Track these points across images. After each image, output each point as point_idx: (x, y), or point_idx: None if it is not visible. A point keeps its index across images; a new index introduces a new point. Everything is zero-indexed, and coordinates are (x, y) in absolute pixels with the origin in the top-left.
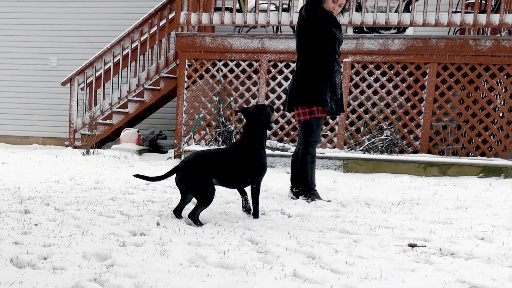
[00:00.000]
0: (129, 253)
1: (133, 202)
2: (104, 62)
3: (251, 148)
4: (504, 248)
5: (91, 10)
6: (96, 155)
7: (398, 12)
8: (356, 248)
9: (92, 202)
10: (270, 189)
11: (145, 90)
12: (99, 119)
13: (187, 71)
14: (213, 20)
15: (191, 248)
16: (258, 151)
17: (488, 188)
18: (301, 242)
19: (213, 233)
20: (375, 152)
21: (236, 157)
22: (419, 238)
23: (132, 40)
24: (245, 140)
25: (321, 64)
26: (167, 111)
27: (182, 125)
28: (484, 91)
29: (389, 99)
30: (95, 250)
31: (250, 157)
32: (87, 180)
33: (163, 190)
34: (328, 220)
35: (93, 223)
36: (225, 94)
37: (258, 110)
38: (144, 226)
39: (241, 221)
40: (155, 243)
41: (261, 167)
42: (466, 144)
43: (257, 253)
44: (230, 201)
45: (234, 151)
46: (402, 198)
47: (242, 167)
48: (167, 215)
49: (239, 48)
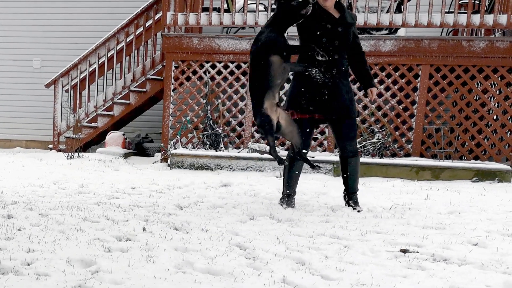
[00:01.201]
0: (115, 259)
1: (118, 206)
2: (89, 63)
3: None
4: (498, 254)
5: (76, 11)
6: (81, 159)
7: (390, 13)
8: (347, 253)
9: (77, 206)
10: (258, 193)
11: (131, 92)
12: (83, 122)
13: (174, 72)
14: (200, 21)
15: (178, 254)
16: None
17: (482, 193)
18: (291, 247)
19: (200, 239)
20: (366, 156)
21: None
22: (411, 243)
23: (117, 41)
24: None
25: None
26: (153, 113)
27: (168, 128)
28: (478, 93)
29: (380, 102)
30: (80, 256)
31: None
32: (72, 184)
33: (149, 195)
34: (318, 225)
35: (78, 228)
36: (212, 97)
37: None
38: (130, 231)
39: (229, 226)
40: (141, 248)
41: None
42: (459, 147)
43: (245, 259)
44: (218, 205)
45: None
46: (394, 202)
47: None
48: (153, 220)
49: (227, 49)
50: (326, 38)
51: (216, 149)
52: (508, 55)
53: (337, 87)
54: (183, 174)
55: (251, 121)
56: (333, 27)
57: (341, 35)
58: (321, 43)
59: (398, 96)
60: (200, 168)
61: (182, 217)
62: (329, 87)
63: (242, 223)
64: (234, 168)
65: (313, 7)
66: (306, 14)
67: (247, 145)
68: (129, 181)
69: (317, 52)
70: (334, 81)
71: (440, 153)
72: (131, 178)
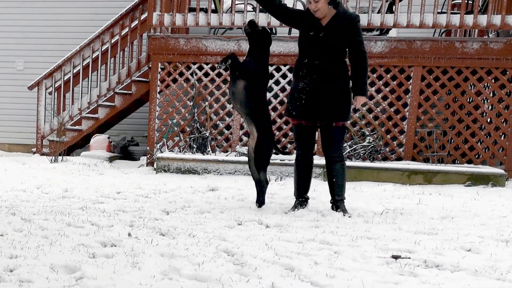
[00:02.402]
0: (99, 265)
1: (103, 211)
2: (73, 65)
3: None
4: (492, 260)
5: (60, 11)
6: (65, 163)
7: (381, 13)
8: (337, 259)
9: (61, 211)
10: (247, 198)
11: (116, 94)
12: (68, 125)
13: (160, 74)
14: (187, 21)
15: (164, 260)
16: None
17: (475, 197)
18: (280, 253)
19: (187, 244)
20: (357, 160)
21: None
22: (403, 249)
23: (102, 42)
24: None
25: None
26: (139, 116)
27: (154, 131)
28: (471, 96)
29: (371, 104)
30: (64, 262)
31: None
32: (55, 189)
33: (135, 199)
34: (307, 231)
35: (62, 233)
36: (199, 99)
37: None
38: (115, 237)
39: (217, 231)
40: (126, 254)
41: None
42: (452, 151)
43: (233, 265)
44: (205, 210)
45: None
46: (385, 207)
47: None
48: (139, 225)
49: (214, 51)
50: (309, 44)
51: (203, 153)
52: (502, 57)
53: (316, 92)
54: (169, 178)
55: (239, 124)
56: (315, 34)
57: (323, 41)
58: (305, 48)
59: (390, 99)
60: (187, 172)
61: (168, 222)
62: (307, 91)
63: (230, 229)
64: (222, 172)
65: (306, 12)
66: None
67: (235, 149)
68: (114, 186)
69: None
70: (313, 86)
71: (433, 157)
72: (116, 182)
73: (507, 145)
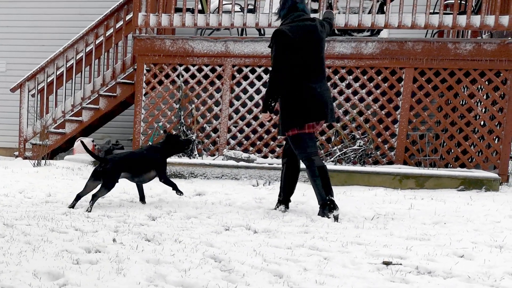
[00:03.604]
0: (84, 272)
1: (87, 217)
2: (56, 67)
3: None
4: (485, 266)
5: (43, 11)
6: (48, 167)
7: (372, 13)
8: (327, 266)
9: (44, 216)
10: (234, 203)
11: (101, 96)
12: (51, 128)
13: (146, 76)
14: (173, 22)
15: (150, 266)
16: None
17: (469, 202)
18: (268, 259)
19: (173, 250)
20: (347, 163)
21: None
22: (394, 255)
23: (86, 44)
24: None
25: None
26: (124, 119)
27: (140, 134)
28: (464, 98)
29: (362, 107)
30: (47, 268)
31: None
32: (39, 193)
33: (120, 204)
34: (296, 236)
35: (45, 239)
36: (186, 101)
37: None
38: (100, 243)
39: (204, 237)
40: (111, 260)
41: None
42: (444, 154)
43: (220, 271)
44: (192, 215)
45: None
46: (376, 212)
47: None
48: (124, 230)
49: (201, 52)
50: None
51: (190, 157)
52: (495, 58)
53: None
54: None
55: (226, 127)
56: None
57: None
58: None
59: (381, 101)
60: (173, 176)
61: (154, 228)
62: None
63: (217, 234)
64: (209, 176)
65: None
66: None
67: (222, 152)
68: None
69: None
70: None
71: (425, 161)
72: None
73: (501, 149)
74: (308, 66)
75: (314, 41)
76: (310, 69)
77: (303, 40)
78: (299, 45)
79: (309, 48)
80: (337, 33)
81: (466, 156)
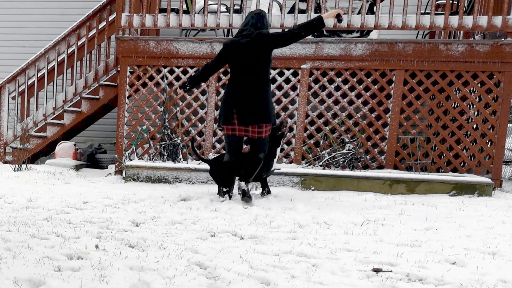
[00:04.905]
0: (65, 279)
1: (69, 222)
2: (37, 68)
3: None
4: (478, 274)
5: (23, 12)
6: (29, 171)
7: (362, 14)
8: (315, 273)
9: (24, 222)
10: (220, 208)
11: (83, 99)
12: (32, 132)
13: (129, 78)
14: (157, 23)
15: (134, 273)
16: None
17: (461, 208)
18: (255, 266)
19: (157, 257)
20: (336, 168)
21: None
22: (384, 262)
23: (68, 45)
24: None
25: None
26: (107, 122)
27: (123, 138)
28: (456, 101)
29: (351, 110)
30: (28, 276)
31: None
32: (19, 199)
33: (103, 210)
34: (284, 243)
35: (26, 245)
36: (170, 104)
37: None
38: (82, 249)
39: (189, 243)
40: (93, 267)
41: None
42: (436, 159)
43: (206, 278)
44: (177, 221)
45: None
46: (366, 218)
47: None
48: (107, 237)
49: (186, 53)
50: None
51: (175, 161)
52: (488, 60)
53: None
54: (139, 187)
55: (212, 131)
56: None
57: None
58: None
59: (371, 104)
60: (157, 181)
61: (137, 234)
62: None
63: (203, 240)
64: (194, 181)
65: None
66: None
67: (208, 156)
68: (80, 195)
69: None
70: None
71: (416, 165)
72: (83, 191)
73: (494, 153)
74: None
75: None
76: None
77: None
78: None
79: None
80: (325, 34)
81: (458, 160)
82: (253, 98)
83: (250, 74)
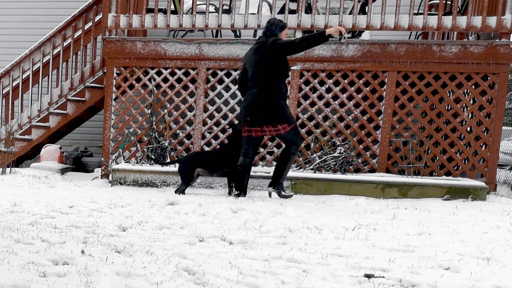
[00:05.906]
0: (51, 285)
1: (54, 227)
2: (22, 70)
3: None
4: (472, 279)
5: (7, 12)
6: (13, 175)
7: (353, 14)
8: (306, 279)
9: (9, 227)
10: (208, 212)
11: (69, 101)
12: (16, 134)
13: (116, 80)
14: (144, 23)
15: (120, 279)
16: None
17: (454, 212)
18: (244, 272)
19: (144, 262)
20: (327, 171)
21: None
22: (376, 267)
23: (54, 46)
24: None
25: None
26: (93, 125)
27: (110, 141)
28: (450, 103)
29: (342, 112)
30: (12, 281)
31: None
32: (3, 203)
33: (89, 214)
34: (274, 248)
35: (10, 251)
36: (158, 106)
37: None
38: (67, 255)
39: (176, 248)
40: (79, 273)
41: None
42: (429, 162)
43: (194, 284)
44: (164, 226)
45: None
46: (358, 223)
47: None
48: (93, 242)
49: (174, 55)
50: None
51: (162, 164)
52: (482, 61)
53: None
54: (125, 191)
55: (200, 133)
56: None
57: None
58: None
59: (362, 106)
60: (145, 184)
61: (124, 239)
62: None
63: (191, 245)
64: None
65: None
66: None
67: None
68: (66, 199)
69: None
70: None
71: (408, 169)
72: (68, 195)
73: (489, 156)
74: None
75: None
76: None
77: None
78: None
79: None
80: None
81: (451, 164)
82: (260, 103)
83: (256, 81)
